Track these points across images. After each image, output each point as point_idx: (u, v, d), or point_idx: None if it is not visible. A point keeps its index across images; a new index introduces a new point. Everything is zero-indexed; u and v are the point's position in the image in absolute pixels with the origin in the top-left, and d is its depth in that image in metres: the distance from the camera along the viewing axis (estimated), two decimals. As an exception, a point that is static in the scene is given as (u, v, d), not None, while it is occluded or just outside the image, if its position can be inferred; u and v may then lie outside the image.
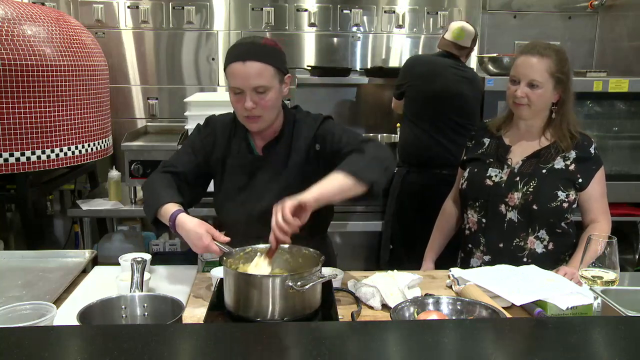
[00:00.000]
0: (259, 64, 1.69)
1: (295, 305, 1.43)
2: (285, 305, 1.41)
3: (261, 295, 1.41)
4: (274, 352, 1.01)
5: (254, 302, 1.42)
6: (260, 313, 1.42)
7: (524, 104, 1.94)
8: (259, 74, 1.69)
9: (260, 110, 1.72)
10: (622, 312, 1.38)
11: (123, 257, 1.84)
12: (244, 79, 1.69)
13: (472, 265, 2.06)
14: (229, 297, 1.48)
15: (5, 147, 2.54)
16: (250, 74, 1.68)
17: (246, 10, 3.80)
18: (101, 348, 1.00)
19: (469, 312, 1.47)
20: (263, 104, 1.71)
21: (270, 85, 1.71)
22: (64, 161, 2.74)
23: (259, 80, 1.69)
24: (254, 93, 1.70)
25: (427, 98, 3.13)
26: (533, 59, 1.93)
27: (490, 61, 3.46)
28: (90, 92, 2.86)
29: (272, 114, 1.77)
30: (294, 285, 1.39)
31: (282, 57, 1.78)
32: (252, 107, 1.71)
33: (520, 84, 1.94)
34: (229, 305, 1.48)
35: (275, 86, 1.73)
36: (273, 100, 1.73)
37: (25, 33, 2.58)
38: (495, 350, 1.03)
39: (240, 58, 1.69)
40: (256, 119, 1.75)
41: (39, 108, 2.60)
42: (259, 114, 1.73)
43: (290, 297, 1.41)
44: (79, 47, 2.80)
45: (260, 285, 1.42)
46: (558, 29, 4.08)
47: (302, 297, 1.43)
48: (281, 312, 1.42)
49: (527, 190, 1.95)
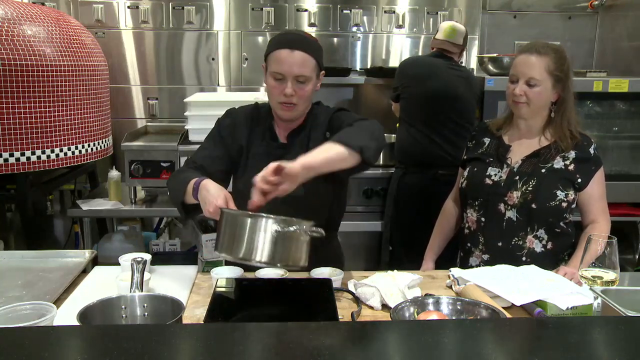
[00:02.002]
0: (305, 54, 1.77)
1: (279, 252, 1.41)
2: (270, 248, 1.40)
3: (249, 235, 1.41)
4: (273, 352, 1.01)
5: (241, 242, 1.41)
6: (247, 253, 1.41)
7: (523, 102, 1.95)
8: (303, 64, 1.77)
9: (297, 99, 1.79)
10: (622, 312, 1.38)
11: (123, 257, 1.84)
12: (290, 66, 1.76)
13: (471, 265, 2.06)
14: (219, 239, 1.47)
15: (5, 147, 2.54)
16: (296, 62, 1.76)
17: (246, 10, 3.80)
18: (101, 348, 1.00)
19: (469, 312, 1.47)
20: (301, 93, 1.79)
21: (311, 76, 1.79)
22: (64, 161, 2.74)
23: (302, 69, 1.77)
24: (295, 81, 1.77)
25: (423, 99, 3.14)
26: (532, 58, 1.93)
27: (490, 61, 3.46)
28: (90, 92, 2.87)
29: (306, 104, 1.85)
30: (280, 228, 1.39)
31: (322, 53, 1.86)
32: (292, 94, 1.78)
33: (519, 83, 1.94)
34: (221, 246, 1.46)
35: (314, 79, 1.81)
36: (310, 92, 1.81)
37: (25, 33, 2.58)
38: (495, 350, 1.03)
39: (289, 45, 1.77)
40: (291, 106, 1.81)
41: (39, 108, 2.60)
42: (295, 102, 1.80)
43: (275, 241, 1.39)
44: (79, 47, 2.80)
45: (246, 223, 1.41)
46: (558, 29, 4.08)
47: (288, 245, 1.42)
48: (266, 254, 1.40)
49: (526, 189, 1.95)
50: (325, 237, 1.92)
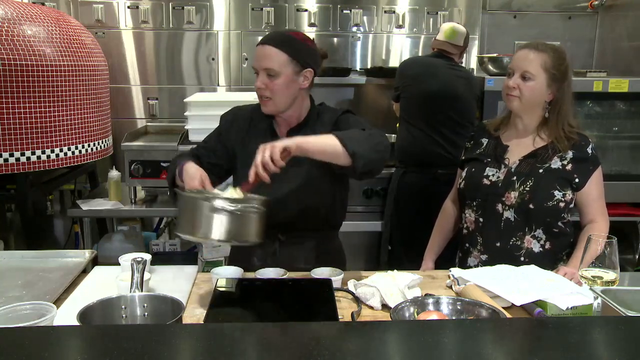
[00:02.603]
0: (273, 49, 1.81)
1: (232, 230, 1.49)
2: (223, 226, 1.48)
3: (204, 215, 1.49)
4: (274, 352, 1.01)
5: (197, 223, 1.51)
6: (203, 233, 1.51)
7: (515, 96, 1.95)
8: (270, 57, 1.81)
9: (270, 93, 1.83)
10: (622, 312, 1.38)
11: (123, 257, 1.84)
12: (258, 60, 1.84)
13: (469, 265, 2.06)
14: (179, 220, 1.58)
15: (5, 147, 2.54)
16: (264, 55, 1.82)
17: (246, 10, 3.80)
18: (101, 348, 1.00)
19: (469, 312, 1.46)
20: (271, 87, 1.82)
21: (280, 70, 1.81)
22: (64, 161, 2.75)
23: (268, 62, 1.81)
24: (265, 75, 1.82)
25: (423, 98, 3.14)
26: (530, 53, 1.95)
27: (490, 61, 3.47)
28: (90, 92, 2.87)
29: (282, 98, 1.85)
30: (225, 206, 1.47)
31: (304, 51, 1.86)
32: (261, 87, 1.83)
33: (514, 76, 1.95)
34: (180, 227, 1.55)
35: (287, 73, 1.82)
36: (281, 86, 1.82)
37: (25, 33, 2.58)
38: (495, 350, 1.03)
39: (262, 41, 1.85)
40: (266, 100, 1.85)
41: (39, 108, 2.60)
42: (269, 95, 1.83)
43: (227, 219, 1.48)
44: (79, 47, 2.80)
45: (199, 205, 1.50)
46: (558, 29, 4.08)
47: (240, 222, 1.50)
48: (220, 233, 1.49)
49: (524, 189, 1.95)
50: (329, 235, 1.94)
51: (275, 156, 1.54)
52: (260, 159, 1.54)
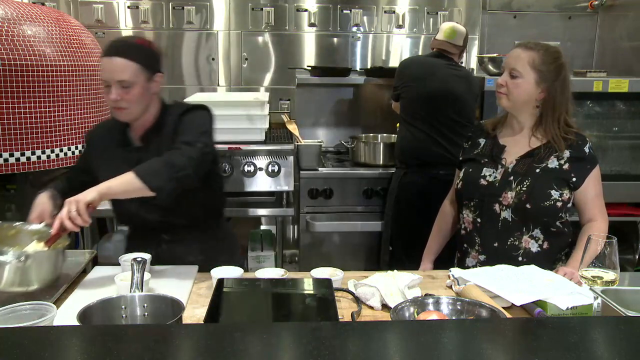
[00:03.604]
0: (123, 60, 1.85)
1: (13, 281, 1.61)
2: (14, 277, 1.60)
3: None
4: (274, 352, 1.01)
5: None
6: None
7: (503, 93, 1.97)
8: (122, 69, 1.85)
9: (126, 103, 1.88)
10: (622, 312, 1.38)
11: (123, 257, 1.84)
12: (110, 73, 1.86)
13: (467, 265, 2.07)
14: None
15: (5, 147, 2.54)
16: (115, 68, 1.85)
17: (246, 10, 3.80)
18: (101, 348, 1.00)
19: (469, 312, 1.47)
20: (127, 97, 1.87)
21: (134, 80, 1.86)
22: (64, 161, 2.74)
23: (122, 74, 1.85)
24: (119, 87, 1.86)
25: (423, 98, 3.14)
26: (520, 51, 1.96)
27: (490, 61, 3.46)
28: (90, 92, 2.86)
29: (138, 106, 1.91)
30: (18, 259, 1.59)
31: (152, 56, 1.94)
32: (116, 99, 1.86)
33: (504, 74, 1.98)
34: None
35: (140, 82, 1.87)
36: (137, 96, 1.88)
37: (25, 33, 2.58)
38: (495, 350, 1.03)
39: (108, 53, 1.88)
40: (122, 110, 1.90)
41: (39, 108, 2.60)
42: (125, 106, 1.88)
43: (19, 270, 1.60)
44: (79, 47, 2.80)
45: None
46: (558, 29, 4.08)
47: (28, 270, 1.62)
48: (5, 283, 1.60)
49: (521, 189, 1.95)
50: (211, 226, 2.07)
51: (81, 210, 1.63)
52: (65, 213, 1.63)
